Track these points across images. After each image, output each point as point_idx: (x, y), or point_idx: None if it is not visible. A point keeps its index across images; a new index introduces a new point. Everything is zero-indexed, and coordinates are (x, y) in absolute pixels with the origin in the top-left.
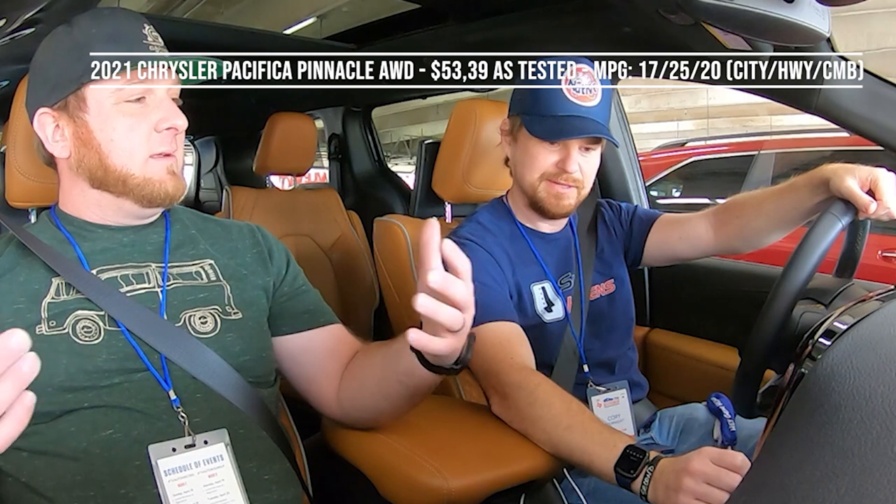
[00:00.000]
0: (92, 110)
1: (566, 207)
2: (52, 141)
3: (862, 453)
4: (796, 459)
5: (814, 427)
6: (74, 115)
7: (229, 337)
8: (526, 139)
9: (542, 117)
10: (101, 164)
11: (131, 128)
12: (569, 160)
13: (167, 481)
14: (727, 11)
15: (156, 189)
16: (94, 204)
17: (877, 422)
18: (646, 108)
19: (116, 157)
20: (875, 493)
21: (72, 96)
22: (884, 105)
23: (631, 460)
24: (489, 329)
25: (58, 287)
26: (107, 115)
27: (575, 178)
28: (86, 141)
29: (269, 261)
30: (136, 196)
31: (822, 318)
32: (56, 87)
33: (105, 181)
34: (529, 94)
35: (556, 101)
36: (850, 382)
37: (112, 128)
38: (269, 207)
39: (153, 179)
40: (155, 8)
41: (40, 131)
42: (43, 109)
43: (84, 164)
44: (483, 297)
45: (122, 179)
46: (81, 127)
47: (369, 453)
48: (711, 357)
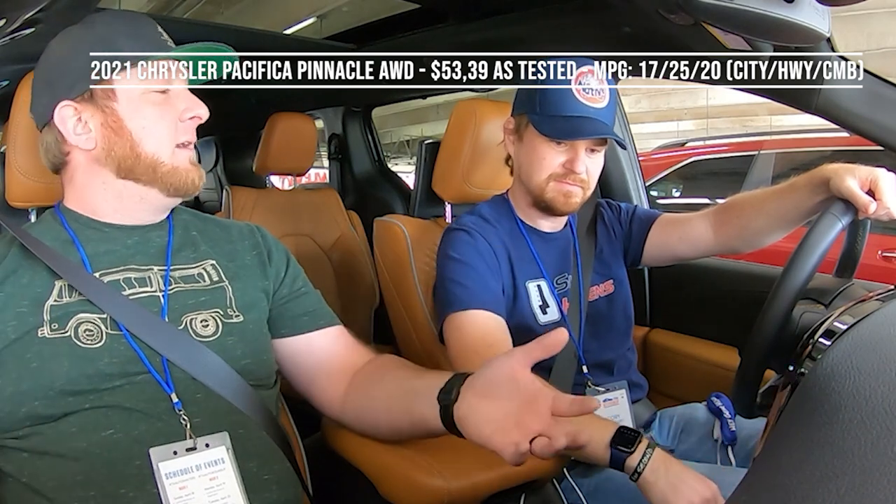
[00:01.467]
0: (121, 99)
1: (574, 205)
2: (75, 134)
3: (862, 453)
4: (796, 459)
5: (814, 427)
6: (102, 105)
7: (230, 340)
8: (533, 138)
9: (551, 117)
10: (132, 151)
11: (161, 116)
12: (577, 161)
13: (168, 484)
14: (727, 11)
15: (182, 178)
16: (115, 196)
17: (877, 422)
18: (646, 108)
19: (148, 144)
20: (875, 493)
21: (98, 87)
22: (884, 105)
23: (626, 437)
24: (475, 316)
25: (60, 289)
26: (136, 103)
27: (582, 179)
28: (116, 129)
29: (268, 263)
30: (164, 184)
31: (822, 318)
32: (80, 78)
33: (134, 169)
34: (538, 93)
35: (566, 102)
36: (850, 382)
37: (143, 115)
38: (269, 207)
39: (180, 168)
40: (155, 8)
41: (61, 125)
42: (65, 102)
43: (114, 152)
44: (473, 281)
45: (152, 167)
46: (111, 116)
47: (369, 453)
48: (711, 357)
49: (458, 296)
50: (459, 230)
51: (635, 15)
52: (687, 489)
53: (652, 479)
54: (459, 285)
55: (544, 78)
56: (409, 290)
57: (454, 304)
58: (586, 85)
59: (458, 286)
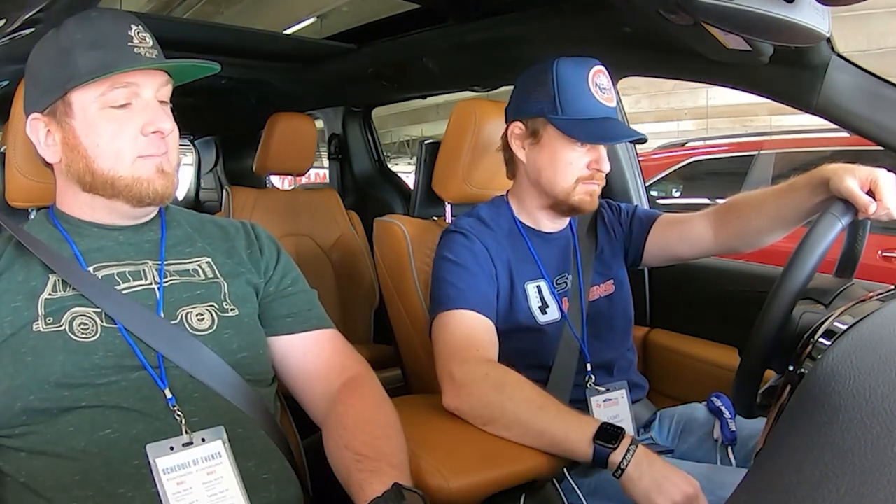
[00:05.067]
0: (77, 116)
1: (596, 203)
2: (45, 146)
3: (862, 453)
4: (796, 460)
5: (814, 427)
6: (62, 121)
7: (226, 334)
8: (555, 141)
9: (576, 120)
10: (87, 168)
11: (116, 133)
12: (602, 160)
13: (166, 480)
14: (727, 11)
15: (144, 188)
16: (87, 206)
17: (877, 422)
18: (646, 108)
19: (102, 161)
20: (875, 493)
21: (59, 102)
22: (884, 105)
23: (609, 433)
24: (463, 316)
25: (55, 283)
26: (91, 120)
27: (602, 176)
28: (73, 146)
29: (259, 258)
30: (126, 196)
31: (822, 318)
32: (45, 92)
33: (94, 185)
34: (559, 95)
35: (587, 103)
36: (850, 382)
37: (97, 133)
38: (269, 207)
39: (142, 178)
40: (155, 8)
41: (33, 135)
42: (35, 115)
43: (73, 168)
44: (465, 283)
45: (110, 182)
46: (69, 133)
47: None
48: (711, 357)
49: (449, 295)
50: (456, 232)
51: (635, 15)
52: (670, 486)
53: (635, 476)
54: (452, 286)
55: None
56: (409, 290)
57: (445, 303)
58: (601, 84)
59: (450, 286)
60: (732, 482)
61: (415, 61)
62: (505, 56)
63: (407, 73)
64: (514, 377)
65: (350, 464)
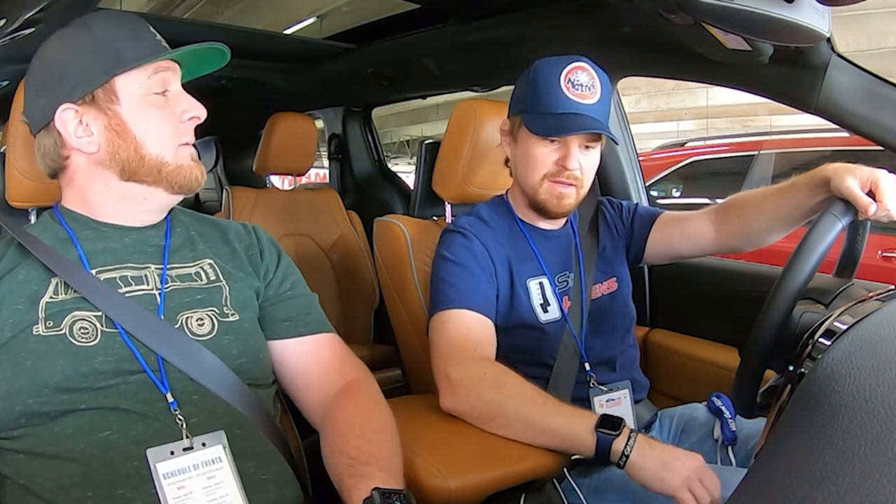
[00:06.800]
0: (124, 102)
1: (567, 207)
2: (76, 137)
3: (862, 453)
4: (796, 459)
5: (814, 427)
6: (105, 108)
7: (226, 339)
8: (526, 138)
9: (541, 115)
10: (136, 153)
11: (162, 117)
12: (569, 157)
13: (166, 485)
14: (727, 11)
15: (186, 175)
16: (117, 198)
17: (877, 422)
18: (646, 108)
19: (152, 145)
20: (875, 493)
21: (100, 90)
22: (884, 105)
23: (611, 421)
24: (461, 315)
25: (56, 286)
26: (139, 105)
27: (575, 177)
28: (120, 132)
29: (259, 262)
30: (168, 183)
31: (822, 318)
32: (81, 81)
33: (139, 171)
34: (529, 93)
35: (556, 99)
36: (850, 382)
37: (146, 118)
38: (269, 207)
39: (184, 166)
40: (155, 8)
41: (62, 128)
42: (66, 105)
43: (119, 155)
44: (464, 282)
45: (157, 167)
46: (114, 118)
47: None
48: (711, 357)
49: (447, 294)
50: (455, 232)
51: (635, 15)
52: (677, 464)
53: (640, 461)
54: (450, 285)
55: (533, 77)
56: (409, 290)
57: (443, 302)
58: (576, 81)
59: (448, 286)
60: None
61: (415, 61)
62: (505, 56)
63: (407, 73)
64: (513, 375)
65: (343, 468)
